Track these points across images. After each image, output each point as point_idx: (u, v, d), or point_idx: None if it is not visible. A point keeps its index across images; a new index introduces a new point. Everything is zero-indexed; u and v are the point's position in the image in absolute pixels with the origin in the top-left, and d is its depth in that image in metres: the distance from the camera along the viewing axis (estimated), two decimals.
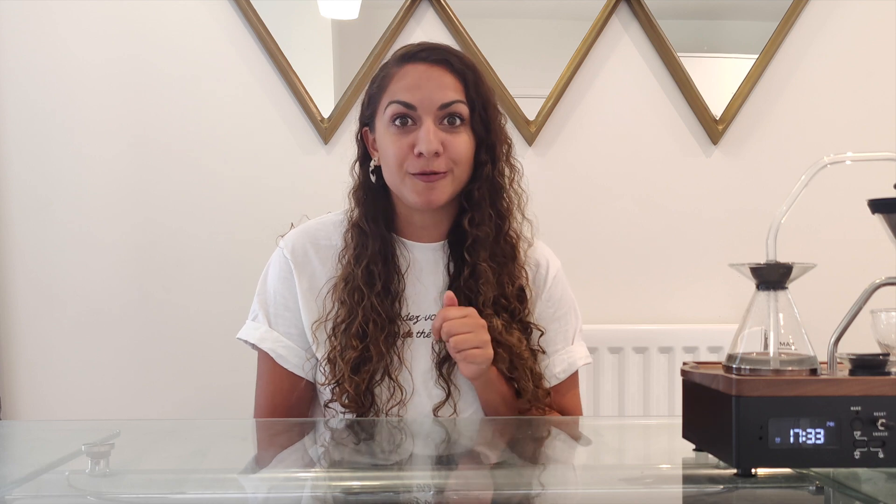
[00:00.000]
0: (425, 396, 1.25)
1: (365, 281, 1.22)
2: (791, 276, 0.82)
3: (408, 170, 1.20)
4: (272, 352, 1.26)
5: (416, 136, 1.19)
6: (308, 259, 1.28)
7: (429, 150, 1.17)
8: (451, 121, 1.20)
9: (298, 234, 1.31)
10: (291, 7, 2.02)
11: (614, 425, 1.49)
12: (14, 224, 1.98)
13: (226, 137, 1.99)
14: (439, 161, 1.19)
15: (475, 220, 1.24)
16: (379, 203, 1.27)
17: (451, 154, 1.20)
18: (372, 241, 1.24)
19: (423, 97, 1.19)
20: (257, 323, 1.29)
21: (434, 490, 0.90)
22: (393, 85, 1.22)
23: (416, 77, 1.20)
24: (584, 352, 1.36)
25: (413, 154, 1.19)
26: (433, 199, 1.20)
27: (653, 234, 2.04)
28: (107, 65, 1.98)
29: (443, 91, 1.20)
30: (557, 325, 1.33)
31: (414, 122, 1.20)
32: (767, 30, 2.02)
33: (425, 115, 1.19)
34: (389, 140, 1.21)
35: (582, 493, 0.94)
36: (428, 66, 1.21)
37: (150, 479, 0.96)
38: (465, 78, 1.22)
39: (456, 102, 1.20)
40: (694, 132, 2.04)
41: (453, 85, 1.21)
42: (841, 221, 1.96)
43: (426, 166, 1.18)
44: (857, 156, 0.84)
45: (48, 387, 1.99)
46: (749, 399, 0.76)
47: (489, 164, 1.24)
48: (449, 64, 1.21)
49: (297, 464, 1.08)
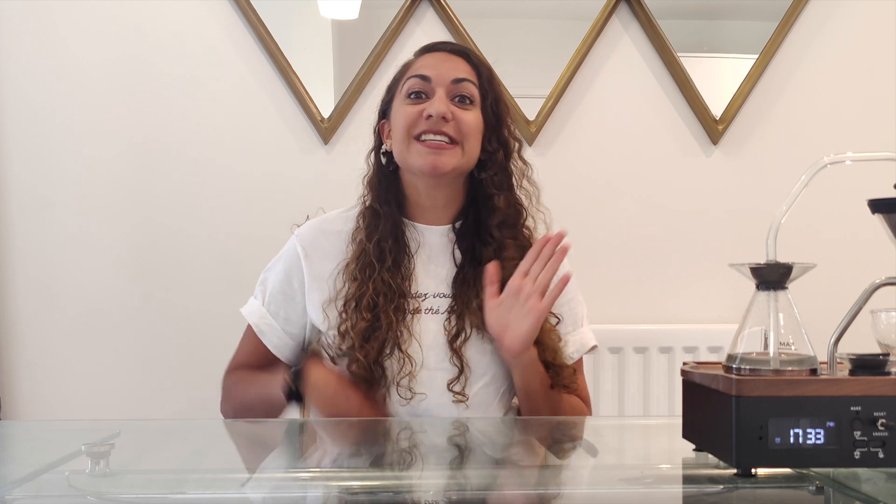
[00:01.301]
0: (437, 371, 1.26)
1: (376, 256, 1.27)
2: (791, 276, 0.82)
3: (414, 134, 1.25)
4: (255, 326, 1.33)
5: (427, 104, 1.26)
6: (317, 245, 1.33)
7: (437, 111, 1.23)
8: (462, 100, 1.27)
9: (310, 223, 1.37)
10: (291, 7, 2.02)
11: (614, 425, 1.49)
12: (14, 224, 1.98)
13: (226, 137, 1.99)
14: (448, 126, 1.24)
15: (498, 201, 1.28)
16: (391, 187, 1.32)
17: (460, 125, 1.25)
18: (384, 222, 1.29)
19: (439, 72, 1.27)
20: (255, 300, 1.36)
21: (434, 490, 0.90)
22: (412, 68, 1.31)
23: (435, 59, 1.31)
24: (592, 334, 1.38)
25: (422, 118, 1.25)
26: (439, 164, 1.24)
27: (653, 235, 2.04)
28: (107, 65, 1.98)
29: (458, 71, 1.28)
30: (568, 308, 1.35)
31: (428, 96, 1.27)
32: (767, 30, 2.02)
33: (438, 87, 1.26)
34: (402, 111, 1.28)
35: (582, 493, 0.94)
36: (447, 53, 1.32)
37: (150, 479, 0.96)
38: (479, 70, 1.31)
39: (468, 81, 1.28)
40: (694, 132, 2.04)
41: (468, 70, 1.30)
42: (841, 221, 1.96)
43: (434, 126, 1.24)
44: (857, 156, 0.84)
45: (48, 387, 1.99)
46: (749, 399, 0.76)
47: (501, 152, 1.30)
48: (467, 56, 1.32)
49: (297, 464, 1.08)
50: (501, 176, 1.30)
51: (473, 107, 1.28)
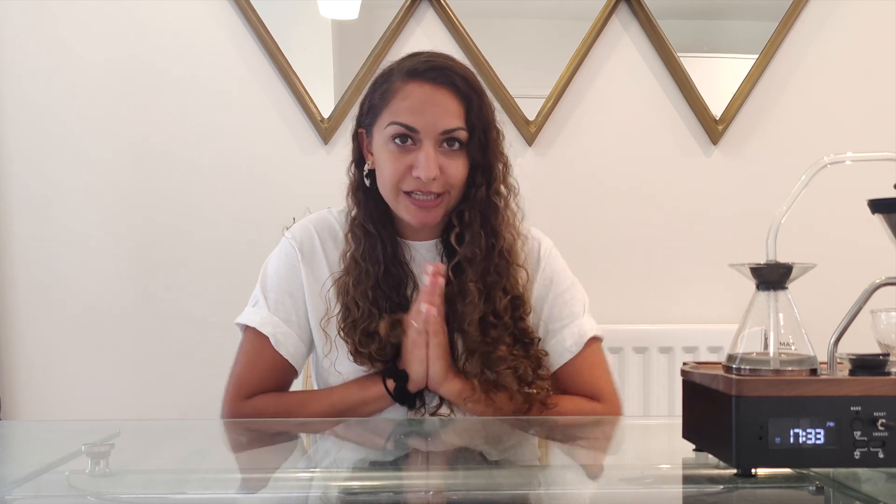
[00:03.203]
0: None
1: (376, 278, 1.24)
2: (791, 276, 0.82)
3: (403, 188, 1.22)
4: (272, 336, 1.25)
5: (415, 157, 1.20)
6: (315, 252, 1.29)
7: (427, 177, 1.19)
8: (451, 143, 1.22)
9: (305, 225, 1.32)
10: (291, 7, 2.02)
11: (614, 425, 1.49)
12: (14, 224, 1.98)
13: (226, 137, 1.99)
14: (436, 183, 1.21)
15: (464, 237, 1.25)
16: (378, 205, 1.27)
17: (448, 178, 1.21)
18: (381, 244, 1.25)
19: (427, 122, 1.20)
20: (258, 308, 1.29)
21: (434, 490, 0.90)
22: (396, 102, 1.22)
23: (420, 99, 1.20)
24: (594, 324, 1.33)
25: (410, 174, 1.21)
26: (427, 221, 1.23)
27: (653, 235, 2.04)
28: (107, 65, 1.98)
29: (446, 118, 1.20)
30: (560, 301, 1.32)
31: (414, 143, 1.21)
32: (767, 30, 2.02)
33: (426, 140, 1.20)
34: (387, 157, 1.22)
35: (582, 493, 0.94)
36: (433, 87, 1.21)
37: (150, 479, 0.96)
38: (469, 102, 1.22)
39: (457, 130, 1.21)
40: (694, 132, 2.04)
41: (456, 110, 1.21)
42: (841, 221, 1.96)
43: (423, 187, 1.20)
44: (857, 156, 0.84)
45: (48, 387, 1.99)
46: (749, 399, 0.76)
47: (483, 186, 1.25)
48: (455, 87, 1.21)
49: (297, 464, 1.08)
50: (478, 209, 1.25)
51: (461, 148, 1.22)
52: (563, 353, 1.29)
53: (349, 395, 1.24)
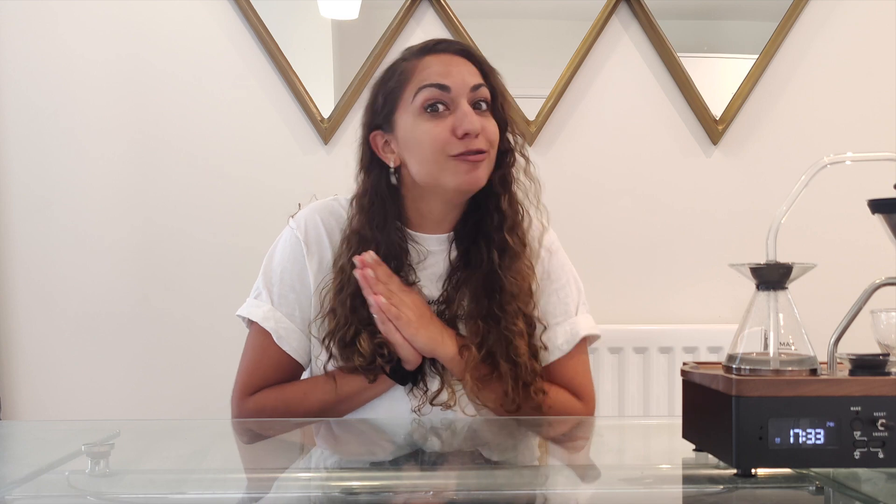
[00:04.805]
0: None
1: None
2: (791, 276, 0.82)
3: (449, 153, 1.19)
4: (274, 332, 1.24)
5: (453, 119, 1.19)
6: (321, 244, 1.27)
7: (474, 129, 1.18)
8: (479, 105, 1.22)
9: (311, 215, 1.30)
10: (291, 7, 2.02)
11: (614, 425, 1.49)
12: (14, 224, 1.98)
13: (226, 137, 1.99)
14: (479, 140, 1.20)
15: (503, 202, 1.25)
16: (389, 206, 1.25)
17: (488, 135, 1.21)
18: (376, 250, 1.22)
19: (456, 80, 1.20)
20: (260, 301, 1.27)
21: (434, 490, 0.90)
22: (418, 74, 1.22)
23: (443, 63, 1.22)
24: (590, 323, 1.33)
25: (454, 137, 1.19)
26: (477, 180, 1.21)
27: (653, 234, 2.04)
28: (107, 65, 1.98)
29: (471, 75, 1.23)
30: (557, 297, 1.31)
31: (447, 107, 1.20)
32: (767, 30, 2.02)
33: (460, 98, 1.20)
34: (425, 129, 1.20)
35: (582, 493, 0.94)
36: (450, 55, 1.24)
37: (150, 479, 0.96)
38: (482, 67, 1.26)
39: (483, 86, 1.23)
40: (694, 132, 2.04)
41: (476, 73, 1.24)
42: (841, 221, 1.96)
43: (471, 145, 1.19)
44: (857, 156, 0.84)
45: (48, 387, 1.99)
46: (749, 399, 0.76)
47: (510, 152, 1.27)
48: (468, 54, 1.25)
49: (297, 464, 1.08)
50: (507, 175, 1.27)
51: (488, 110, 1.24)
52: (553, 351, 1.28)
53: (350, 381, 1.22)
